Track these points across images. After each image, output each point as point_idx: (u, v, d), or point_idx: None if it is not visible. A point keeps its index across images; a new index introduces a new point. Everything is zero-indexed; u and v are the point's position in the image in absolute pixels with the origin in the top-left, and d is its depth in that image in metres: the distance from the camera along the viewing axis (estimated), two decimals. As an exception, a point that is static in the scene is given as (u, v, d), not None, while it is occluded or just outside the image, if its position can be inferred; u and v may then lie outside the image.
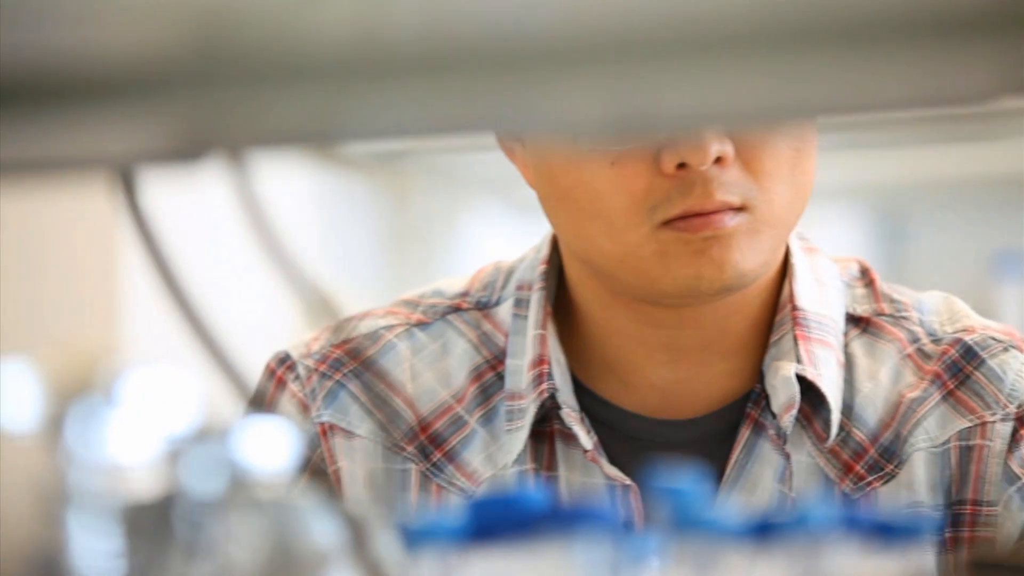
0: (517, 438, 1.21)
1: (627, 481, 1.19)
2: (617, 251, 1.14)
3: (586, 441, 1.19)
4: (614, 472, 1.19)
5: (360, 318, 1.30)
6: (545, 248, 1.26)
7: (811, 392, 1.20)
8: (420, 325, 1.28)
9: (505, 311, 1.26)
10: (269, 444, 0.59)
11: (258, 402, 1.28)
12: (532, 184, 1.21)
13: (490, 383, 1.25)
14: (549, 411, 1.21)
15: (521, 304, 1.25)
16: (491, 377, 1.25)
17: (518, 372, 1.23)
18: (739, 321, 1.21)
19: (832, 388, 1.20)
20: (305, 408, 1.25)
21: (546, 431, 1.22)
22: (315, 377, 1.26)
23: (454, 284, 1.31)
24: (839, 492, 1.20)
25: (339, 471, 1.24)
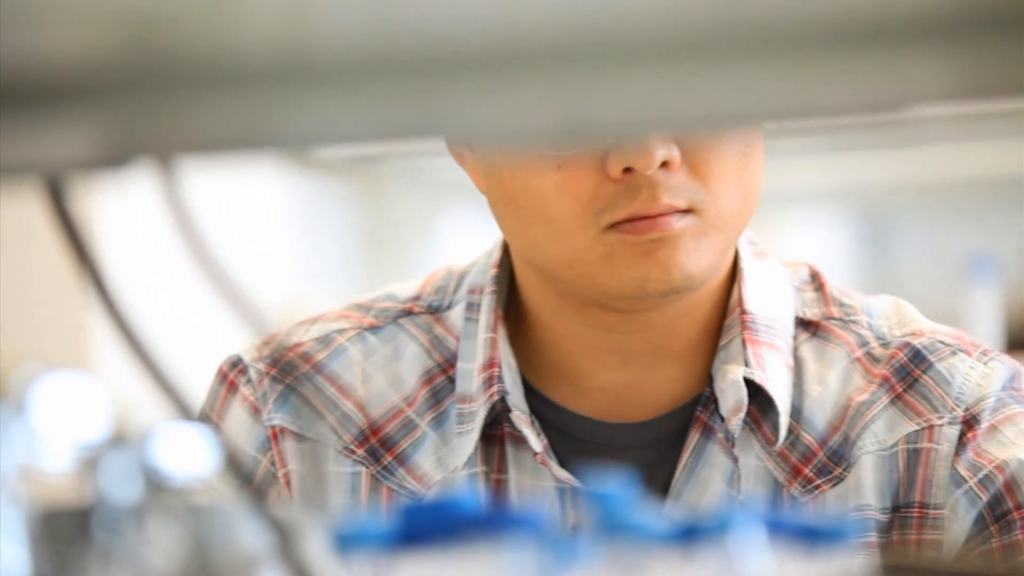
0: (467, 441, 1.22)
1: (576, 483, 1.20)
2: (564, 255, 1.15)
3: (536, 443, 1.20)
4: (563, 475, 1.20)
5: (312, 322, 1.30)
6: (496, 252, 1.27)
7: (760, 395, 1.20)
8: (372, 329, 1.28)
9: (457, 315, 1.27)
10: (193, 449, 0.59)
11: (210, 405, 1.28)
12: (482, 189, 1.21)
13: (441, 386, 1.25)
14: (500, 414, 1.22)
15: (472, 308, 1.26)
16: (442, 380, 1.25)
17: (469, 375, 1.23)
18: (688, 325, 1.22)
19: (780, 391, 1.21)
20: (256, 411, 1.26)
21: (496, 434, 1.23)
22: (266, 380, 1.26)
23: (406, 288, 1.31)
24: (788, 495, 1.20)
25: (289, 474, 1.25)
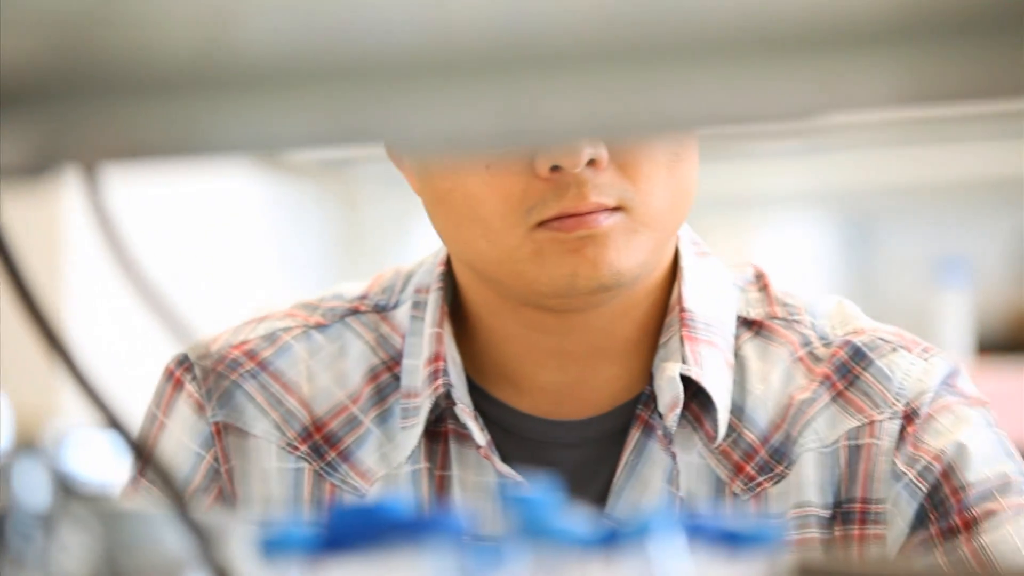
0: (411, 435, 1.23)
1: (519, 479, 1.20)
2: (495, 253, 1.16)
3: (479, 437, 1.20)
4: (506, 470, 1.21)
5: (259, 320, 1.31)
6: (443, 252, 1.27)
7: (701, 393, 1.21)
8: (318, 327, 1.29)
9: (403, 314, 1.28)
10: (109, 455, 0.59)
11: (156, 403, 1.29)
12: (417, 191, 1.22)
13: (386, 384, 1.26)
14: (444, 411, 1.23)
15: (419, 306, 1.27)
16: (387, 378, 1.26)
17: (414, 371, 1.24)
18: (627, 325, 1.23)
19: (719, 388, 1.21)
20: (201, 408, 1.26)
21: (441, 431, 1.23)
22: (212, 377, 1.27)
23: (354, 288, 1.32)
24: (730, 493, 1.21)
25: (231, 470, 1.25)
